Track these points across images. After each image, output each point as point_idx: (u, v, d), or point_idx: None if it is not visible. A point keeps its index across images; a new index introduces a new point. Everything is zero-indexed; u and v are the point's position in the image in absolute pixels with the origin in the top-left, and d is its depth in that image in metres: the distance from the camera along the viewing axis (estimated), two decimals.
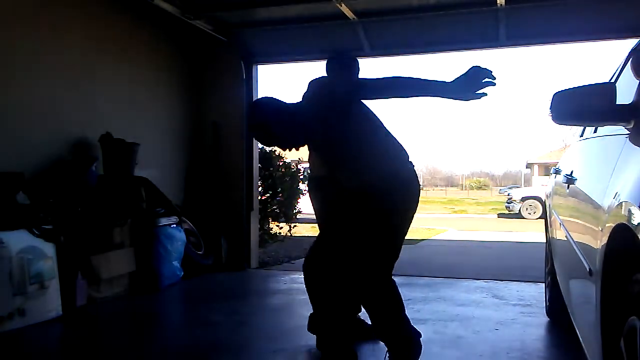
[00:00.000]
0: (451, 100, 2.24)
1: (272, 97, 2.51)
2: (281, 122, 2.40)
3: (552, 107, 1.88)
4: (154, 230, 4.80)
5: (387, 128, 2.59)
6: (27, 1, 4.30)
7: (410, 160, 2.59)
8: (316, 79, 2.60)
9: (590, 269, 1.64)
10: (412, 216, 2.54)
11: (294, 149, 2.52)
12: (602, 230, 1.49)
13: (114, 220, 4.48)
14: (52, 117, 4.43)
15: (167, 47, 5.93)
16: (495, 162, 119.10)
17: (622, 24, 4.93)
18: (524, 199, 18.43)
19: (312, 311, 3.12)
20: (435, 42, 5.63)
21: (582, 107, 1.78)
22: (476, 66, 2.16)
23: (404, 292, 4.95)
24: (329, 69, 3.27)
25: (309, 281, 2.95)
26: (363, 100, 2.50)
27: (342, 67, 3.23)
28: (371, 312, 2.58)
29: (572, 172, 2.56)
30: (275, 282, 5.43)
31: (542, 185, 19.59)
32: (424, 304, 4.27)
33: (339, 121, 2.41)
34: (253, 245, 6.12)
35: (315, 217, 3.20)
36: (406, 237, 2.61)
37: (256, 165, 6.21)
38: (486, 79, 2.15)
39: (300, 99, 2.57)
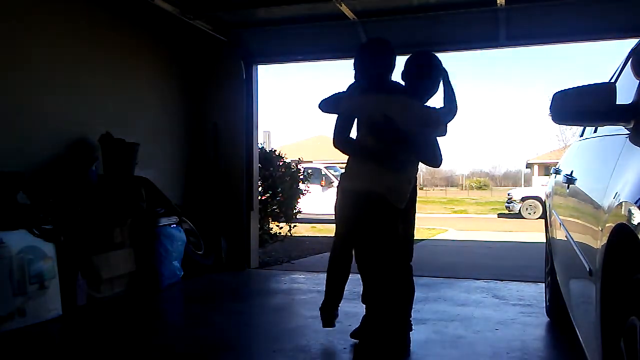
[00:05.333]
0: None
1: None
2: None
3: (552, 107, 1.88)
4: (154, 230, 4.80)
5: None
6: (26, 1, 4.30)
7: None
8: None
9: (590, 269, 1.64)
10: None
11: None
12: (602, 230, 1.49)
13: (114, 220, 4.48)
14: (52, 117, 4.43)
15: (167, 47, 5.94)
16: (495, 162, 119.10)
17: (622, 24, 4.92)
18: (524, 199, 18.43)
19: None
20: (435, 42, 5.62)
21: (582, 107, 1.78)
22: None
23: None
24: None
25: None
26: None
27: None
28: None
29: (572, 172, 2.56)
30: (275, 282, 5.43)
31: (542, 185, 19.59)
32: (424, 304, 4.26)
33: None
34: (253, 245, 6.12)
35: None
36: None
37: (256, 165, 6.20)
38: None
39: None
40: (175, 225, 5.06)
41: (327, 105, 3.11)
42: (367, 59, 3.04)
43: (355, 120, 2.95)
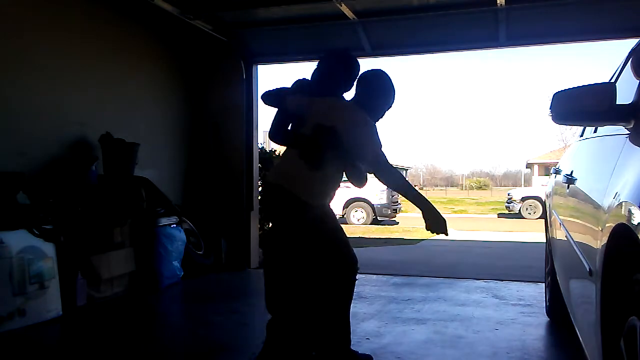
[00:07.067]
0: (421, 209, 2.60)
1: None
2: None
3: (552, 107, 1.88)
4: (154, 230, 4.80)
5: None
6: (26, 1, 4.29)
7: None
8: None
9: (590, 269, 1.64)
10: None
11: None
12: (602, 230, 1.49)
13: (114, 220, 4.48)
14: (52, 117, 4.43)
15: (167, 47, 5.93)
16: (495, 162, 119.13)
17: (622, 24, 4.92)
18: (524, 199, 18.44)
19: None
20: (435, 42, 5.63)
21: (582, 107, 1.78)
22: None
23: (404, 292, 4.99)
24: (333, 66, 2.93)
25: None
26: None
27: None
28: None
29: (572, 172, 2.56)
30: None
31: (542, 185, 19.59)
32: (424, 304, 4.27)
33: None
34: (253, 245, 6.12)
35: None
36: (406, 237, 2.73)
37: (256, 165, 6.20)
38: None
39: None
40: (175, 225, 5.06)
41: (270, 98, 2.95)
42: (334, 69, 2.89)
43: (297, 117, 2.83)
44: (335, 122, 2.63)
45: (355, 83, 2.86)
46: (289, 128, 2.92)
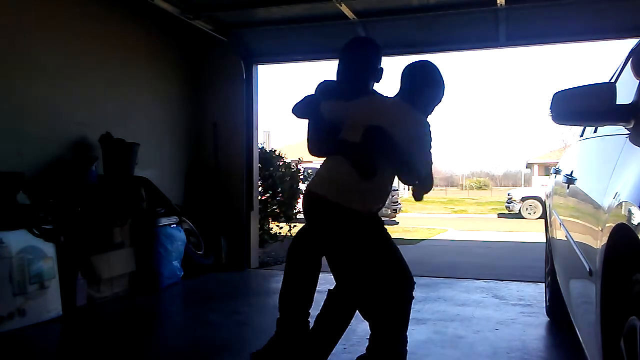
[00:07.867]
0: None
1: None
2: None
3: (552, 107, 1.88)
4: (154, 230, 4.80)
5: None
6: (26, 2, 4.29)
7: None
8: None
9: (590, 269, 1.64)
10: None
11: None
12: (602, 230, 1.49)
13: (114, 220, 4.48)
14: (52, 117, 4.43)
15: (166, 47, 5.94)
16: (495, 162, 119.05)
17: (622, 24, 4.93)
18: (524, 199, 18.46)
19: None
20: (435, 42, 5.63)
21: (582, 107, 1.78)
22: None
23: None
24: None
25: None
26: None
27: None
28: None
29: (572, 172, 2.57)
30: (275, 282, 5.42)
31: (542, 185, 19.61)
32: (424, 304, 4.27)
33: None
34: (253, 245, 6.12)
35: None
36: (406, 237, 2.69)
37: (256, 165, 6.21)
38: None
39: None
40: (175, 225, 5.06)
41: (301, 109, 2.74)
42: (359, 58, 2.72)
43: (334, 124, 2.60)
44: (384, 123, 2.41)
45: (401, 78, 2.60)
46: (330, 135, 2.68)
